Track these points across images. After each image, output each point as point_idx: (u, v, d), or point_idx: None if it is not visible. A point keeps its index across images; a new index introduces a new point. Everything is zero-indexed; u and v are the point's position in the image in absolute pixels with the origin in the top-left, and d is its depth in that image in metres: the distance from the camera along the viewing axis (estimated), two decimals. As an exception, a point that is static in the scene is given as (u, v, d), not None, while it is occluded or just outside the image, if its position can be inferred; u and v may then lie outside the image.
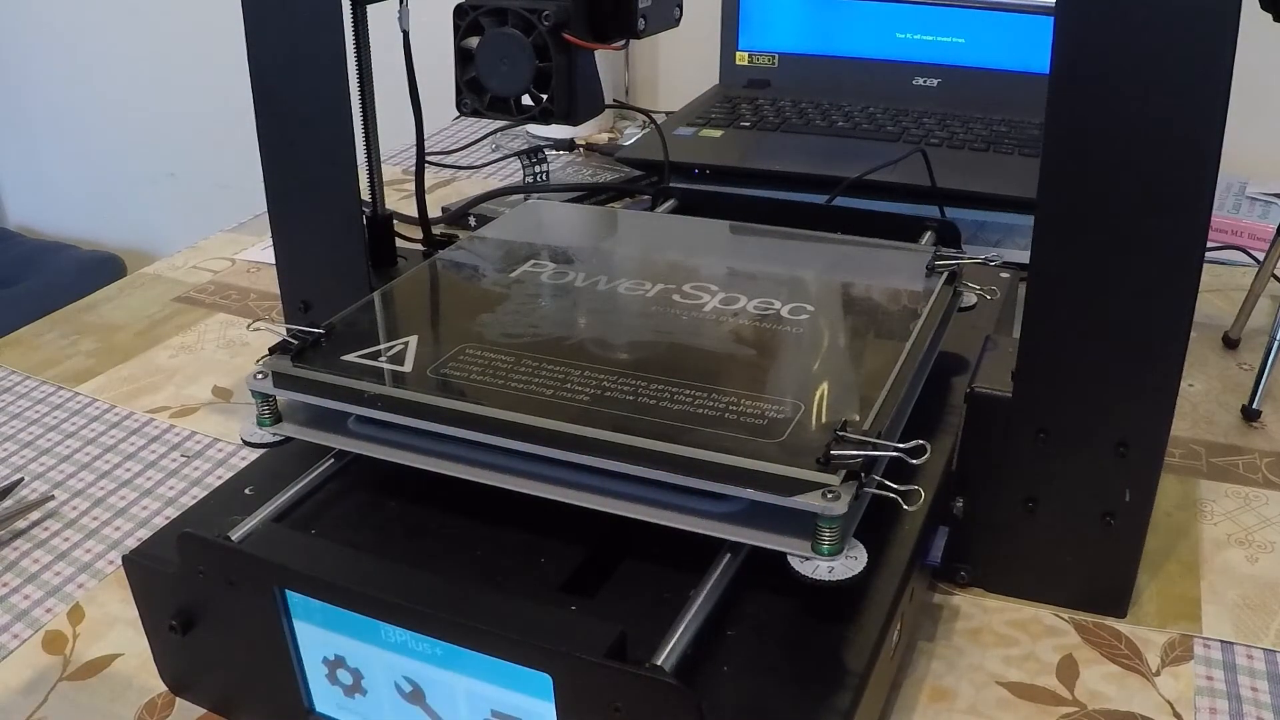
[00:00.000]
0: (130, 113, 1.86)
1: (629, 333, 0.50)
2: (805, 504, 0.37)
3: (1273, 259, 0.72)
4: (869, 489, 0.38)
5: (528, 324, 0.50)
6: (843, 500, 0.37)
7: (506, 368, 0.46)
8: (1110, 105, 0.41)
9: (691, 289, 0.53)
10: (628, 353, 0.48)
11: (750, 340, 0.48)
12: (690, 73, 1.20)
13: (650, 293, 0.53)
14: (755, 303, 0.52)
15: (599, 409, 0.42)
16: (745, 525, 0.39)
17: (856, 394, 0.44)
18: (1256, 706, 0.45)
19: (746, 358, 0.47)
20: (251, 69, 0.57)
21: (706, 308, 0.51)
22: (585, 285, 0.54)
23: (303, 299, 0.62)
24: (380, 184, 0.66)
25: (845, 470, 0.38)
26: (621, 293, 0.53)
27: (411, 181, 0.81)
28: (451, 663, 0.37)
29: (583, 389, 0.44)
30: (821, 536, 0.37)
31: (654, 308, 0.52)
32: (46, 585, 0.53)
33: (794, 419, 0.41)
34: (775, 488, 0.38)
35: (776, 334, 0.49)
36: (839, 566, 0.38)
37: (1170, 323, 0.43)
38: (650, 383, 0.44)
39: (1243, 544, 0.55)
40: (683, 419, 0.41)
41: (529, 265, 0.57)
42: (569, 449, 0.41)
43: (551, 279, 0.55)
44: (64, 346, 0.76)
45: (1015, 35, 1.03)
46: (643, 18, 0.56)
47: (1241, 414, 0.66)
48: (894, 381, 0.44)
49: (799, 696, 0.37)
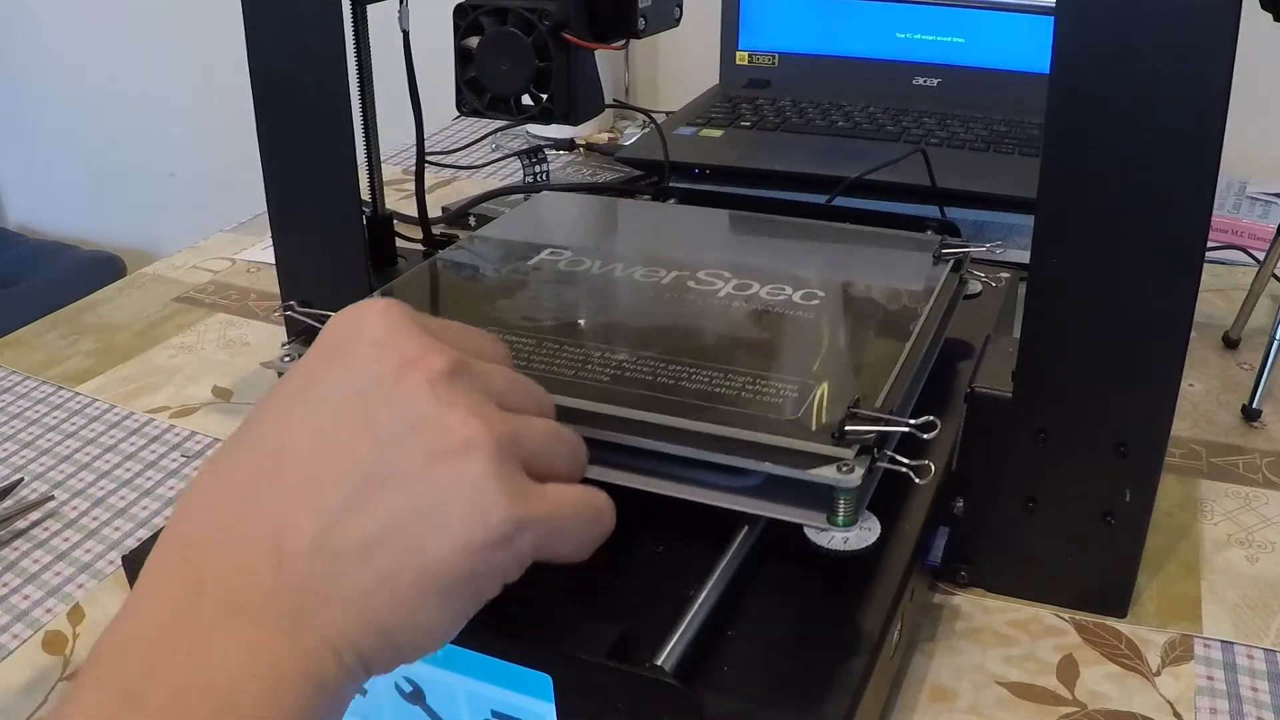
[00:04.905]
0: (130, 113, 1.86)
1: (646, 317, 0.51)
2: (821, 477, 0.38)
3: (1273, 259, 0.72)
4: (881, 463, 0.40)
5: (546, 309, 0.51)
6: (857, 473, 0.38)
7: (528, 350, 0.47)
8: (1110, 105, 0.41)
9: (705, 276, 0.54)
10: (646, 335, 0.49)
11: (764, 324, 0.50)
12: (690, 73, 1.20)
13: (665, 280, 0.54)
14: (767, 289, 0.52)
15: (620, 388, 0.43)
16: (763, 499, 0.40)
17: (868, 374, 0.45)
18: (1257, 706, 0.45)
19: (761, 340, 0.48)
20: (251, 69, 0.57)
21: (720, 294, 0.52)
22: (601, 273, 0.55)
23: (303, 299, 0.62)
24: (380, 184, 0.66)
25: (859, 445, 0.39)
26: (637, 280, 0.54)
27: (411, 181, 0.81)
28: (451, 663, 0.37)
29: (603, 370, 0.45)
30: (837, 508, 0.39)
31: (669, 294, 0.53)
32: (46, 585, 0.53)
33: (809, 397, 0.42)
34: (792, 462, 0.39)
35: (789, 318, 0.50)
36: (854, 537, 0.39)
37: (1170, 322, 0.43)
38: (669, 363, 0.45)
39: (1243, 544, 0.55)
40: (702, 397, 0.43)
41: (546, 254, 0.57)
42: (592, 426, 0.41)
43: (568, 267, 0.56)
44: (64, 346, 0.76)
45: (1015, 35, 1.03)
46: (643, 18, 0.56)
47: (1241, 414, 0.66)
48: (904, 362, 0.46)
49: (799, 696, 0.37)
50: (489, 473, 0.31)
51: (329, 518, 0.30)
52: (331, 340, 0.34)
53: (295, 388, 0.34)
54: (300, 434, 0.32)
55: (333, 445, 0.31)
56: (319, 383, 0.33)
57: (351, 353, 0.33)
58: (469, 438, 0.31)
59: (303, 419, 0.32)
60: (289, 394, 0.34)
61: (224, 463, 0.33)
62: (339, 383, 0.32)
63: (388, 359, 0.32)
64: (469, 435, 0.31)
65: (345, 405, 0.32)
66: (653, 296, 0.52)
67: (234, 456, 0.33)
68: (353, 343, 0.33)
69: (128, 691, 0.27)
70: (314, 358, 0.34)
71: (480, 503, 0.30)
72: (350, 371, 0.33)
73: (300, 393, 0.33)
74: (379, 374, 0.32)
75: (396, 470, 0.31)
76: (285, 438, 0.32)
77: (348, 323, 0.34)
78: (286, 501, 0.30)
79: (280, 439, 0.32)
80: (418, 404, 0.31)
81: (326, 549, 0.30)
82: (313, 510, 0.30)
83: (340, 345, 0.34)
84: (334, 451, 0.31)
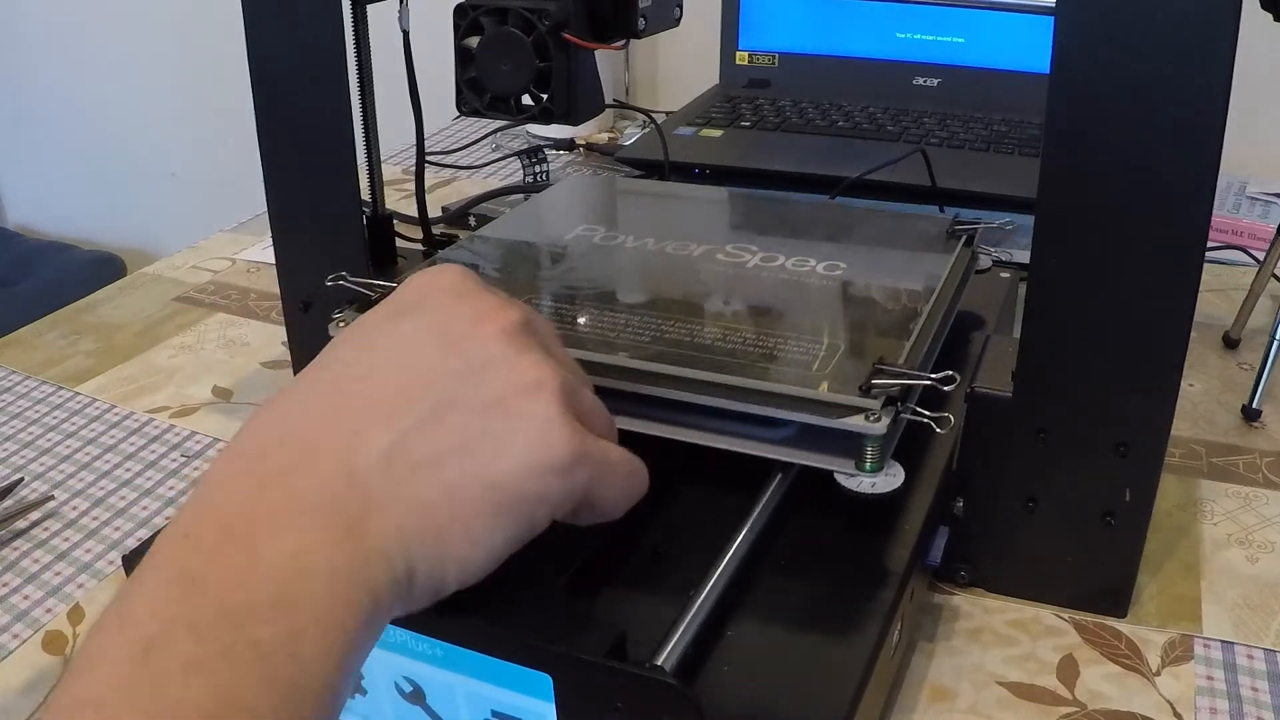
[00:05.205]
0: (130, 113, 1.86)
1: (682, 285, 0.54)
2: (850, 425, 0.41)
3: (1273, 259, 0.72)
4: (905, 415, 0.43)
5: (584, 278, 0.55)
6: (883, 422, 0.41)
7: (570, 316, 0.50)
8: (1110, 105, 0.41)
9: (733, 249, 0.57)
10: (683, 300, 0.52)
11: (792, 291, 0.53)
12: (690, 73, 1.20)
13: (695, 253, 0.57)
14: (792, 261, 0.55)
15: (661, 348, 0.46)
16: (798, 447, 0.43)
17: (892, 334, 0.48)
18: (1257, 706, 0.45)
19: (790, 305, 0.51)
20: (251, 69, 0.57)
21: (749, 265, 0.55)
22: (635, 247, 0.58)
23: (303, 299, 0.62)
24: (380, 184, 0.66)
25: (885, 396, 0.42)
26: (670, 252, 0.57)
27: (411, 181, 0.81)
28: (451, 663, 0.37)
29: (644, 331, 0.48)
30: (865, 455, 0.42)
31: (701, 264, 0.55)
32: (46, 585, 0.53)
33: (837, 355, 0.46)
34: (824, 412, 0.42)
35: (815, 286, 0.53)
36: (880, 482, 0.43)
37: (1170, 323, 0.43)
38: (705, 326, 0.48)
39: (1243, 544, 0.55)
40: (738, 356, 0.46)
41: (581, 229, 0.60)
42: (636, 382, 0.44)
43: (602, 241, 0.59)
44: (64, 346, 0.76)
45: (1015, 35, 1.03)
46: (643, 18, 0.56)
47: (1241, 414, 0.66)
48: (924, 324, 0.49)
49: (799, 696, 0.37)
50: (555, 411, 0.33)
51: (402, 432, 0.32)
52: (414, 289, 0.37)
53: (377, 321, 0.36)
54: (381, 358, 0.34)
55: (413, 371, 0.34)
56: (401, 321, 0.36)
57: (432, 300, 0.36)
58: (540, 379, 0.34)
59: (386, 347, 0.35)
60: (371, 326, 0.36)
61: (300, 385, 0.35)
62: (421, 323, 0.35)
63: (467, 308, 0.35)
64: (540, 377, 0.34)
65: (426, 340, 0.35)
66: (685, 267, 0.55)
67: (310, 380, 0.35)
68: (435, 293, 0.36)
69: (190, 574, 0.28)
70: (395, 302, 0.37)
71: (546, 433, 0.33)
72: (432, 315, 0.35)
73: (382, 326, 0.36)
74: (459, 320, 0.35)
75: (471, 399, 0.33)
76: (366, 360, 0.35)
77: (429, 278, 0.37)
78: (363, 416, 0.33)
79: (361, 363, 0.35)
80: (492, 347, 0.34)
81: (398, 459, 0.32)
82: (388, 424, 0.32)
83: (423, 293, 0.37)
84: (414, 376, 0.34)
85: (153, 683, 0.26)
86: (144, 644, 0.27)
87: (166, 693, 0.26)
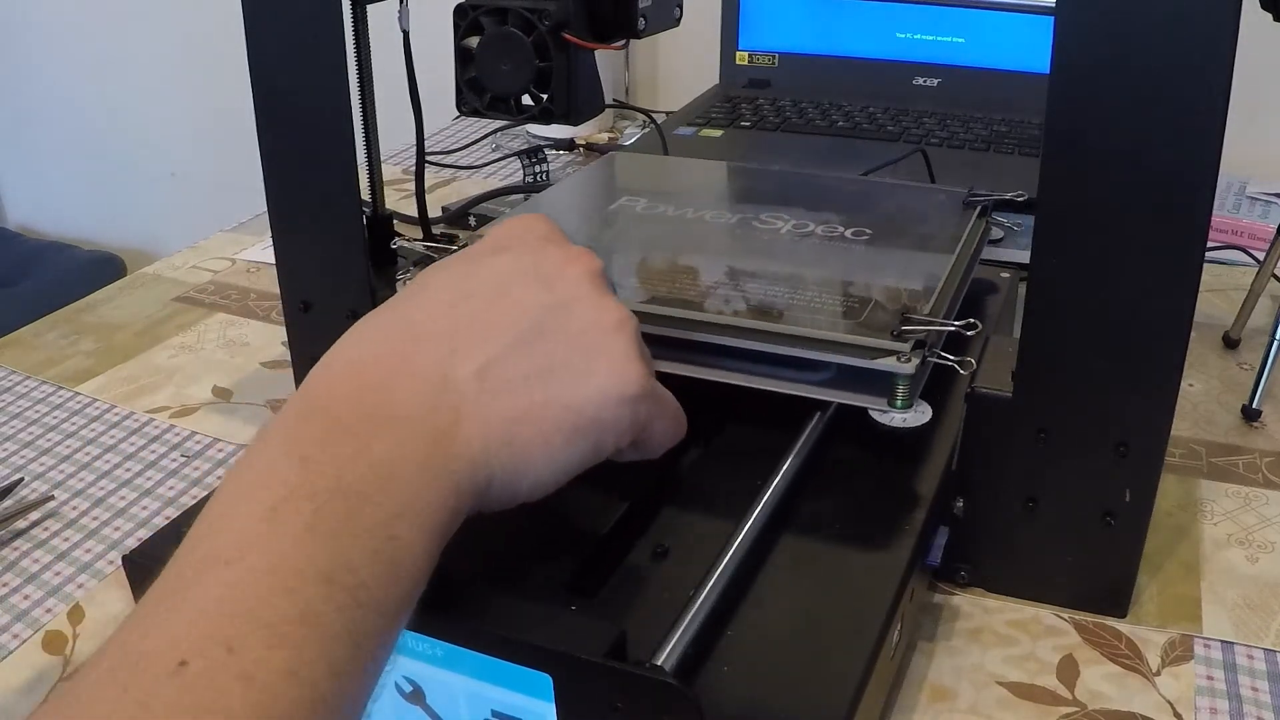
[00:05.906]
0: (131, 113, 1.86)
1: (723, 247, 0.58)
2: (884, 365, 0.45)
3: (1273, 259, 0.72)
4: (932, 358, 0.47)
5: (633, 240, 0.59)
6: (912, 363, 0.45)
7: (623, 272, 0.54)
8: (1110, 105, 0.41)
9: (767, 217, 0.61)
10: (726, 259, 0.56)
11: (825, 252, 0.57)
12: (690, 73, 1.20)
13: (732, 220, 0.61)
14: (823, 226, 0.60)
15: (710, 301, 0.50)
16: (836, 388, 0.47)
17: (918, 287, 0.52)
18: (1257, 706, 0.45)
19: (824, 264, 0.55)
20: (251, 69, 0.57)
21: (783, 231, 0.59)
22: (675, 215, 0.62)
23: (303, 299, 0.62)
24: (380, 184, 0.66)
25: (914, 340, 0.46)
26: (708, 220, 0.61)
27: (411, 181, 0.81)
28: (451, 663, 0.37)
29: (691, 285, 0.52)
30: (896, 393, 0.46)
31: (739, 230, 0.60)
32: (46, 585, 0.53)
33: (868, 306, 0.49)
34: (860, 354, 0.46)
35: (846, 248, 0.57)
36: (911, 417, 0.50)
37: (1170, 323, 0.43)
38: (747, 281, 0.53)
39: (1243, 544, 0.55)
40: (780, 307, 0.50)
41: (624, 200, 0.64)
42: (688, 329, 0.48)
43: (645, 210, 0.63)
44: (64, 346, 0.76)
45: (1015, 35, 1.03)
46: (643, 18, 0.56)
47: (1241, 414, 0.66)
48: (946, 279, 0.53)
49: (799, 696, 0.37)
50: (632, 349, 0.38)
51: (496, 353, 0.36)
52: (508, 231, 0.41)
53: (476, 255, 0.40)
54: (479, 286, 0.38)
55: (508, 300, 0.37)
56: (496, 256, 0.39)
57: (525, 242, 0.40)
58: (620, 319, 0.38)
59: (483, 278, 0.38)
60: (470, 259, 0.40)
61: (399, 304, 0.38)
62: (514, 259, 0.39)
63: (556, 251, 0.39)
64: (620, 317, 0.38)
65: (521, 274, 0.38)
66: (726, 232, 0.59)
67: (409, 300, 0.38)
68: (527, 235, 0.41)
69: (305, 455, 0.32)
70: (490, 242, 0.41)
71: (624, 367, 0.37)
72: (524, 253, 0.39)
73: (479, 259, 0.39)
74: (549, 260, 0.39)
75: (559, 330, 0.37)
76: (465, 287, 0.38)
77: (522, 223, 0.42)
78: (460, 336, 0.36)
79: (459, 289, 0.38)
80: (579, 288, 0.38)
81: (489, 377, 0.35)
82: (483, 344, 0.36)
83: (517, 235, 0.41)
84: (508, 305, 0.37)
85: (278, 542, 0.29)
86: (269, 508, 0.30)
87: (290, 551, 0.29)
